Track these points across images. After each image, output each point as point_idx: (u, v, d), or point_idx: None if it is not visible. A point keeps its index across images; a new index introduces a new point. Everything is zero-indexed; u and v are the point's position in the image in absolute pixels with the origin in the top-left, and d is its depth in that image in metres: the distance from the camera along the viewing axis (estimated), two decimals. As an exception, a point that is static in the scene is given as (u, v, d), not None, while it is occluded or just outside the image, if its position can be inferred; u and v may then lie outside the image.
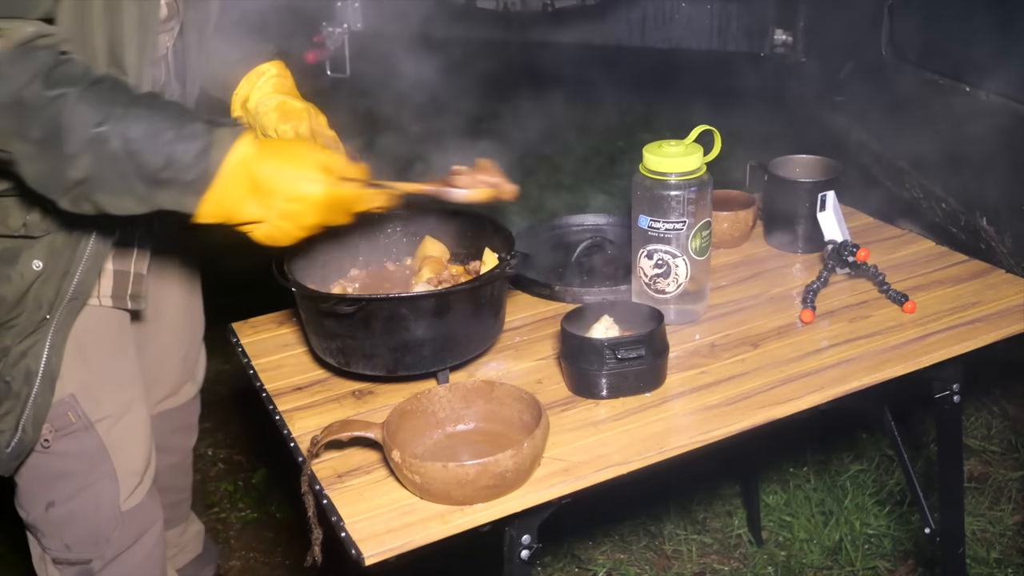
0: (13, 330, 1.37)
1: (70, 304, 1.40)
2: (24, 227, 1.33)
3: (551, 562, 2.29)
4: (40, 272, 1.36)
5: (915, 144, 2.54)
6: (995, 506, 2.38)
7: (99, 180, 1.15)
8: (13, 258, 1.35)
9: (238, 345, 1.60)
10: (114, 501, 1.53)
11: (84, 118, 1.12)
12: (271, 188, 1.18)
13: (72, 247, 1.37)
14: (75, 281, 1.39)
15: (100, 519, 1.53)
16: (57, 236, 1.35)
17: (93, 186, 1.15)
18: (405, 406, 1.27)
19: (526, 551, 1.22)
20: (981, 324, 1.50)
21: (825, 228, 1.70)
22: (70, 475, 1.50)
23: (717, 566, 2.27)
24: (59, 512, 1.50)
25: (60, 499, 1.50)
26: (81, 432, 1.47)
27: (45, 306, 1.38)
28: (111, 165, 1.14)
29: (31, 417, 1.41)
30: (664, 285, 1.53)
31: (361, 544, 1.11)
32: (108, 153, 1.13)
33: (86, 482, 1.50)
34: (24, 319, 1.37)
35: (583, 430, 1.30)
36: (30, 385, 1.39)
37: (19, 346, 1.38)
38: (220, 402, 2.95)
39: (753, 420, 1.30)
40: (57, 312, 1.39)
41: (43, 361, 1.39)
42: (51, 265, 1.36)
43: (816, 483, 2.50)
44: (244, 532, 2.51)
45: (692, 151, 1.48)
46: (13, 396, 1.39)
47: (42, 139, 1.13)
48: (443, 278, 1.51)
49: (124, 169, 1.14)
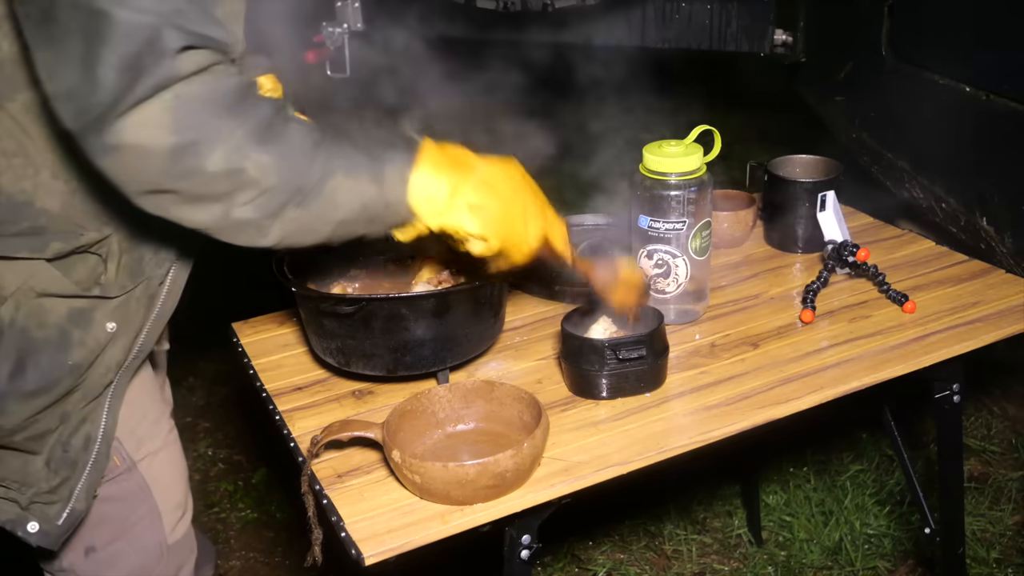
0: (75, 395, 1.26)
1: (131, 364, 1.32)
2: (98, 286, 1.24)
3: (551, 562, 2.29)
4: (113, 334, 1.26)
5: (915, 144, 2.54)
6: (995, 506, 2.38)
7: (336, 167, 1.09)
8: (86, 320, 1.23)
9: (238, 345, 1.60)
10: (160, 537, 1.47)
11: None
12: (473, 156, 1.17)
13: (146, 307, 1.29)
14: (141, 341, 1.30)
15: (145, 557, 1.46)
16: (132, 296, 1.27)
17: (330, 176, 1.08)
18: (405, 406, 1.27)
19: (526, 551, 1.22)
20: (981, 324, 1.50)
21: (825, 228, 1.70)
22: (112, 519, 1.42)
23: (717, 566, 2.27)
24: (100, 556, 1.42)
25: (101, 543, 1.42)
26: (125, 475, 1.40)
27: (113, 369, 1.28)
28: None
29: (86, 486, 1.30)
30: (664, 285, 1.53)
31: (361, 544, 1.11)
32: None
33: (129, 523, 1.43)
34: (89, 383, 1.27)
35: (583, 430, 1.30)
36: (88, 452, 1.29)
37: (80, 412, 1.27)
38: (220, 402, 2.95)
39: (753, 420, 1.30)
40: (120, 373, 1.30)
41: (102, 426, 1.30)
42: (124, 327, 1.27)
43: (816, 483, 2.50)
44: (244, 532, 2.51)
45: (692, 151, 1.48)
46: (69, 465, 1.28)
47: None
48: (443, 278, 1.51)
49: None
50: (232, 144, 1.00)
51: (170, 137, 0.98)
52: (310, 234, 1.11)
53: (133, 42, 0.94)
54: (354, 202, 1.09)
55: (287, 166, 1.04)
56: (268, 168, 1.03)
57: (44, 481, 1.27)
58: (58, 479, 1.28)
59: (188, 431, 2.92)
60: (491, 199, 1.16)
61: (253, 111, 1.02)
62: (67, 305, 1.22)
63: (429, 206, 1.14)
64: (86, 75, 0.95)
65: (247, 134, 1.01)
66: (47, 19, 0.96)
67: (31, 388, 1.20)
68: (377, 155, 1.10)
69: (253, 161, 1.02)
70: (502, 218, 1.18)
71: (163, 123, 0.97)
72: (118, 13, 0.94)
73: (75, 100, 0.97)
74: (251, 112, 1.02)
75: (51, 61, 0.98)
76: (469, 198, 1.15)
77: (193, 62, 0.98)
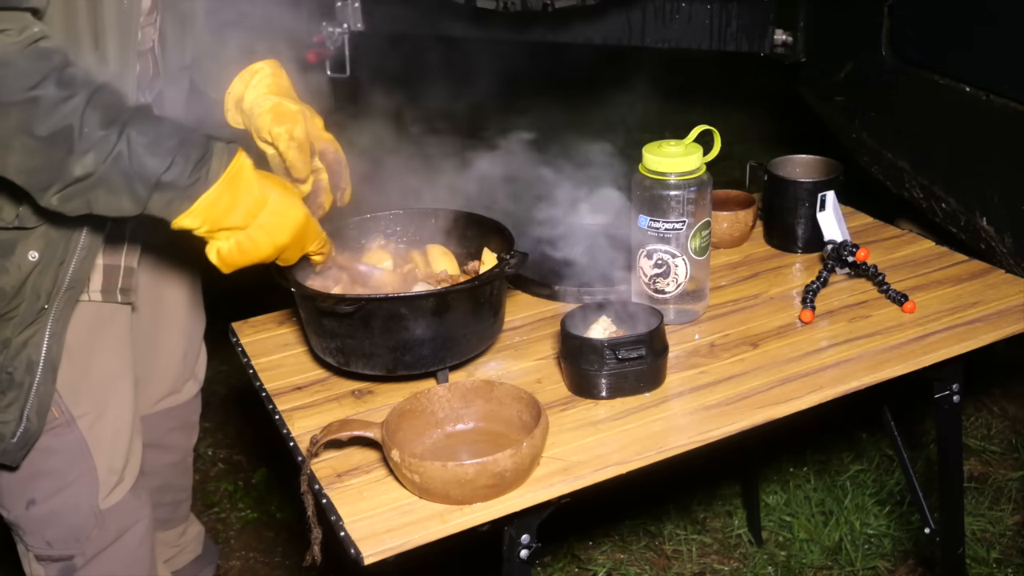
0: (13, 321, 1.38)
1: (68, 293, 1.41)
2: (17, 218, 1.33)
3: (551, 562, 2.29)
4: (37, 262, 1.36)
5: (915, 144, 2.54)
6: (995, 506, 2.38)
7: (101, 179, 1.18)
8: (9, 249, 1.35)
9: (238, 345, 1.60)
10: (93, 499, 1.53)
11: (94, 120, 1.16)
12: (262, 199, 1.26)
13: (67, 237, 1.38)
14: (71, 270, 1.39)
15: (79, 517, 1.53)
16: (51, 227, 1.36)
17: (94, 184, 1.18)
18: (404, 406, 1.27)
19: (525, 551, 1.22)
20: (981, 324, 1.50)
21: (825, 228, 1.70)
22: (51, 473, 1.50)
23: (717, 566, 2.27)
24: (40, 510, 1.51)
25: (41, 497, 1.50)
26: (63, 428, 1.48)
27: (43, 296, 1.38)
28: (115, 165, 1.17)
29: (35, 406, 1.41)
30: (664, 285, 1.53)
31: (360, 544, 1.11)
32: (114, 154, 1.17)
33: (66, 480, 1.51)
34: (23, 309, 1.38)
35: (582, 430, 1.30)
36: (32, 375, 1.40)
37: (19, 336, 1.39)
38: (220, 402, 2.95)
39: (753, 420, 1.30)
40: (55, 302, 1.40)
41: (43, 350, 1.40)
42: (47, 255, 1.37)
43: (816, 483, 2.50)
44: (244, 532, 2.51)
45: (692, 151, 1.48)
46: (16, 386, 1.40)
47: (49, 136, 1.14)
48: (442, 278, 1.51)
49: (127, 170, 1.18)
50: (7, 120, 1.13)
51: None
52: (82, 211, 1.22)
53: None
54: (111, 210, 1.22)
55: (45, 161, 1.16)
56: (32, 151, 1.15)
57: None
58: (7, 399, 1.40)
59: (188, 431, 2.92)
60: (241, 256, 1.28)
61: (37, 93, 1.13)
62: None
63: (183, 231, 1.26)
64: None
65: (21, 115, 1.13)
66: None
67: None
68: (151, 179, 1.19)
69: (19, 142, 1.14)
70: (243, 265, 1.29)
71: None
72: None
73: None
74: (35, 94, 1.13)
75: None
76: (222, 246, 1.27)
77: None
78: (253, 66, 1.52)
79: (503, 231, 1.51)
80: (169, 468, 1.91)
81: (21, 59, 1.13)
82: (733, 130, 4.55)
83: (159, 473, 1.86)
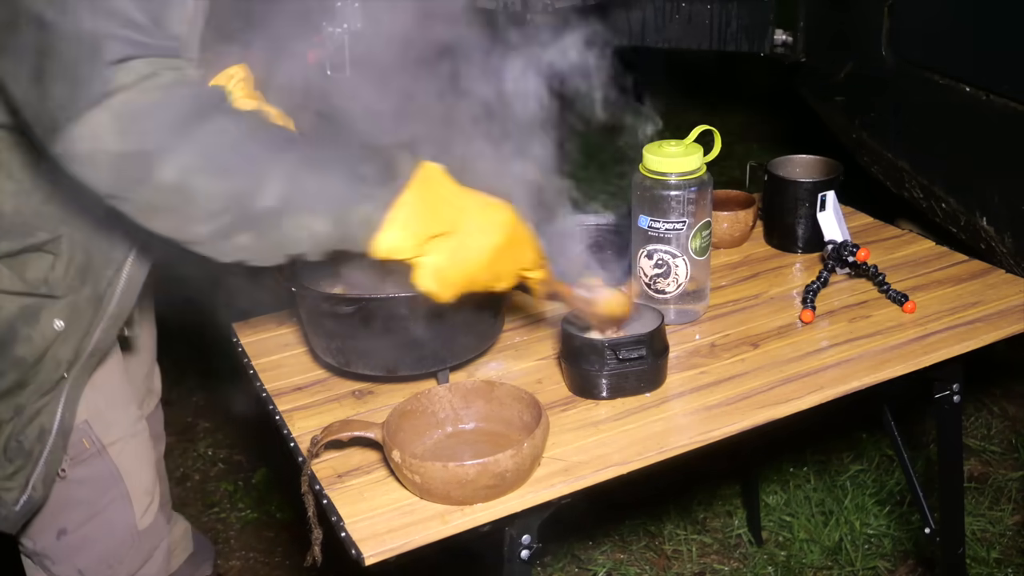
0: (28, 389, 1.30)
1: (87, 361, 1.34)
2: (45, 284, 1.26)
3: (551, 562, 2.29)
4: (61, 331, 1.28)
5: (915, 144, 2.54)
6: (995, 506, 2.38)
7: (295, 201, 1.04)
8: (33, 317, 1.26)
9: (238, 345, 1.60)
10: (130, 521, 1.50)
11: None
12: (461, 191, 1.12)
13: (95, 306, 1.31)
14: (94, 340, 1.32)
15: (115, 541, 1.50)
16: (80, 295, 1.29)
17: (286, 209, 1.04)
18: (405, 406, 1.27)
19: (526, 551, 1.22)
20: (981, 324, 1.50)
21: (825, 228, 1.70)
22: (82, 502, 1.45)
23: (717, 566, 2.27)
24: (72, 539, 1.46)
25: (73, 526, 1.45)
26: (94, 458, 1.44)
27: (63, 365, 1.31)
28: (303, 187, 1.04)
29: (42, 475, 1.34)
30: (664, 285, 1.53)
31: (361, 544, 1.11)
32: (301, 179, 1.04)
33: (99, 507, 1.47)
34: (41, 378, 1.30)
35: (583, 430, 1.30)
36: (43, 443, 1.32)
37: (34, 405, 1.31)
38: (220, 402, 2.95)
39: (753, 420, 1.30)
40: (74, 371, 1.33)
41: (57, 419, 1.33)
42: (73, 324, 1.29)
43: (816, 483, 2.50)
44: (244, 532, 2.51)
45: (692, 151, 1.48)
46: (25, 455, 1.32)
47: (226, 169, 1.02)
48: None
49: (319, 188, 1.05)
50: (182, 161, 0.99)
51: (117, 145, 0.98)
52: (265, 260, 1.08)
53: (74, 54, 0.96)
54: (310, 239, 1.07)
55: (236, 194, 1.01)
56: (214, 194, 1.00)
57: (0, 468, 1.30)
58: (13, 467, 1.31)
59: (188, 431, 2.92)
60: (459, 267, 1.13)
61: (209, 128, 1.00)
62: (17, 303, 1.24)
63: (392, 252, 1.10)
64: (37, 85, 0.98)
65: (198, 153, 0.99)
66: (9, 28, 0.99)
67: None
68: (346, 195, 1.06)
69: (201, 183, 1.00)
70: (463, 282, 1.15)
71: (110, 131, 0.97)
72: (61, 25, 0.96)
73: (30, 109, 1.00)
74: (207, 129, 1.00)
75: (11, 70, 1.01)
76: (435, 261, 1.12)
77: (135, 72, 0.97)
78: (228, 70, 1.51)
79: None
80: None
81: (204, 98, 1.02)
82: (733, 130, 4.56)
83: None
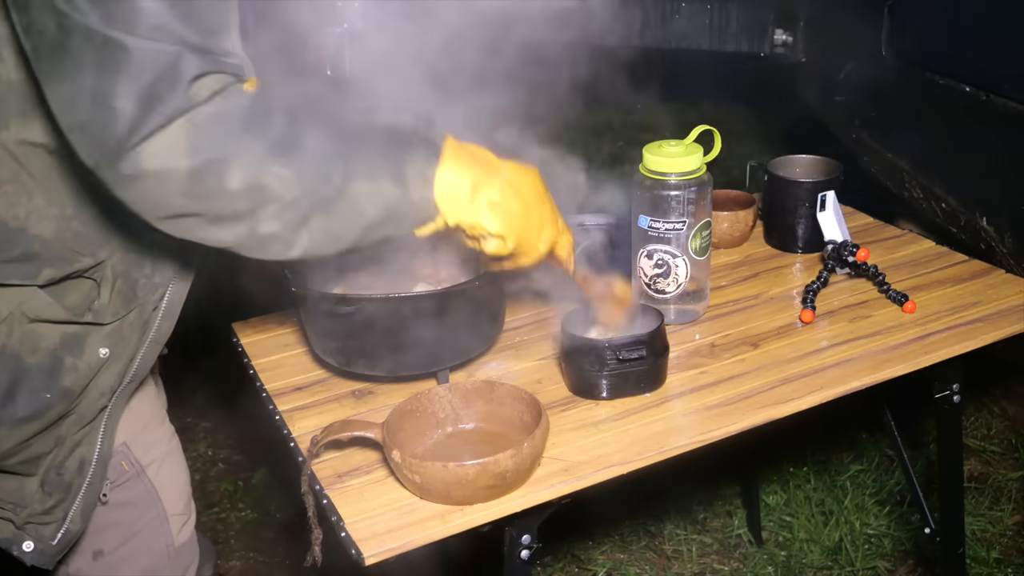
0: (69, 419, 1.24)
1: (127, 387, 1.30)
2: (91, 312, 1.22)
3: (551, 562, 2.29)
4: (106, 360, 1.24)
5: (914, 144, 2.54)
6: (995, 506, 2.38)
7: (356, 171, 1.07)
8: (79, 346, 1.22)
9: (238, 345, 1.60)
10: (167, 540, 1.47)
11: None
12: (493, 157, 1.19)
13: (140, 331, 1.27)
14: (136, 366, 1.29)
15: (152, 561, 1.47)
16: (125, 322, 1.25)
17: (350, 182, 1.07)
18: (405, 406, 1.27)
19: (526, 551, 1.22)
20: (981, 324, 1.50)
21: (825, 228, 1.70)
22: (121, 524, 1.42)
23: (717, 566, 2.27)
24: (109, 559, 1.42)
25: (110, 548, 1.42)
26: (133, 480, 1.41)
27: (107, 394, 1.27)
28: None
29: (80, 508, 1.28)
30: (664, 285, 1.53)
31: (361, 544, 1.11)
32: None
33: (137, 528, 1.43)
34: (84, 408, 1.25)
35: (583, 430, 1.30)
36: (83, 475, 1.28)
37: (74, 436, 1.26)
38: (220, 402, 2.95)
39: (753, 420, 1.30)
40: (115, 398, 1.29)
41: (97, 449, 1.29)
42: (118, 352, 1.25)
43: (816, 483, 2.50)
44: (244, 532, 2.51)
45: (692, 151, 1.48)
46: (64, 488, 1.27)
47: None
48: (443, 278, 1.51)
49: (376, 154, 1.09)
50: (250, 161, 0.99)
51: (187, 160, 0.96)
52: (337, 242, 1.10)
53: (149, 71, 0.93)
54: (378, 205, 1.08)
55: (307, 176, 1.03)
56: (288, 181, 1.02)
57: (39, 503, 1.26)
58: (52, 501, 1.26)
59: (188, 431, 2.92)
60: (512, 200, 1.17)
61: (268, 125, 1.01)
62: (60, 331, 1.20)
63: (452, 203, 1.13)
64: (102, 107, 0.93)
65: (264, 149, 1.00)
66: (58, 51, 0.94)
67: (22, 415, 1.18)
68: (395, 157, 1.09)
69: (273, 175, 1.01)
70: (520, 220, 1.18)
71: (179, 147, 0.96)
72: (133, 42, 0.92)
73: (91, 132, 0.96)
74: (266, 126, 1.01)
75: (65, 94, 0.96)
76: (492, 196, 1.15)
77: (208, 88, 0.97)
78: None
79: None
80: None
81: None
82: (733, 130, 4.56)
83: None
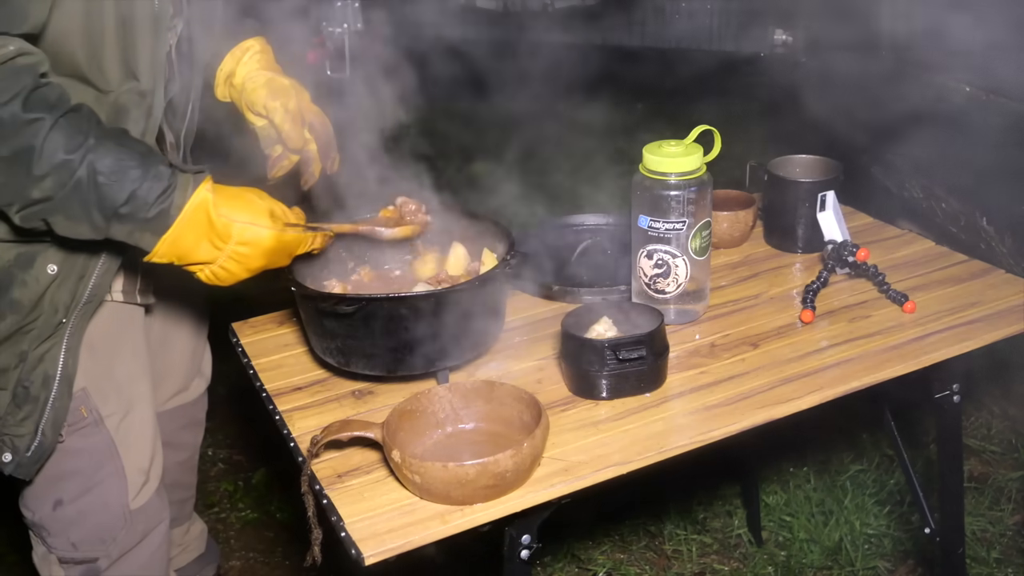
0: (30, 335, 1.37)
1: (85, 307, 1.40)
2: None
3: (551, 562, 2.29)
4: (55, 276, 1.36)
5: (914, 144, 2.54)
6: (995, 506, 2.38)
7: (59, 204, 1.19)
8: (28, 262, 1.34)
9: (238, 345, 1.60)
10: (123, 499, 1.53)
11: (56, 144, 1.16)
12: (225, 233, 1.26)
13: (88, 251, 1.37)
14: (91, 284, 1.39)
15: (108, 517, 1.53)
16: (73, 241, 1.33)
17: (52, 208, 1.19)
18: (405, 406, 1.27)
19: (526, 551, 1.22)
20: (981, 324, 1.50)
21: (825, 228, 1.70)
22: (79, 473, 1.50)
23: (717, 566, 2.27)
24: (67, 511, 1.50)
25: (68, 498, 1.50)
26: (91, 428, 1.48)
27: (61, 310, 1.38)
28: (74, 192, 1.18)
29: (50, 420, 1.41)
30: (664, 285, 1.53)
31: (361, 544, 1.11)
32: (74, 181, 1.17)
33: (95, 480, 1.50)
34: (41, 323, 1.37)
35: (583, 430, 1.30)
36: (48, 389, 1.39)
37: (36, 350, 1.38)
38: (220, 402, 2.95)
39: (753, 420, 1.30)
40: (72, 315, 1.39)
41: (60, 364, 1.40)
42: (66, 268, 1.36)
43: (816, 483, 2.50)
44: (244, 532, 2.51)
45: (692, 151, 1.48)
46: (32, 400, 1.39)
47: (11, 157, 1.15)
48: (442, 278, 1.51)
49: (86, 198, 1.19)
50: None
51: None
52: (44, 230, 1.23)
53: None
54: (72, 233, 1.23)
55: (7, 179, 1.16)
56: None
57: (11, 415, 1.39)
58: (22, 413, 1.39)
59: (188, 431, 2.91)
60: (221, 281, 1.30)
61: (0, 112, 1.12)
62: (13, 250, 1.33)
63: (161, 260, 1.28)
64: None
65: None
66: None
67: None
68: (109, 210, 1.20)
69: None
70: (230, 281, 1.31)
71: None
72: None
73: None
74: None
75: None
76: (201, 274, 1.30)
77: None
78: (244, 43, 1.57)
79: (504, 231, 1.51)
80: (178, 466, 1.91)
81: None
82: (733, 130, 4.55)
83: (169, 471, 1.86)
